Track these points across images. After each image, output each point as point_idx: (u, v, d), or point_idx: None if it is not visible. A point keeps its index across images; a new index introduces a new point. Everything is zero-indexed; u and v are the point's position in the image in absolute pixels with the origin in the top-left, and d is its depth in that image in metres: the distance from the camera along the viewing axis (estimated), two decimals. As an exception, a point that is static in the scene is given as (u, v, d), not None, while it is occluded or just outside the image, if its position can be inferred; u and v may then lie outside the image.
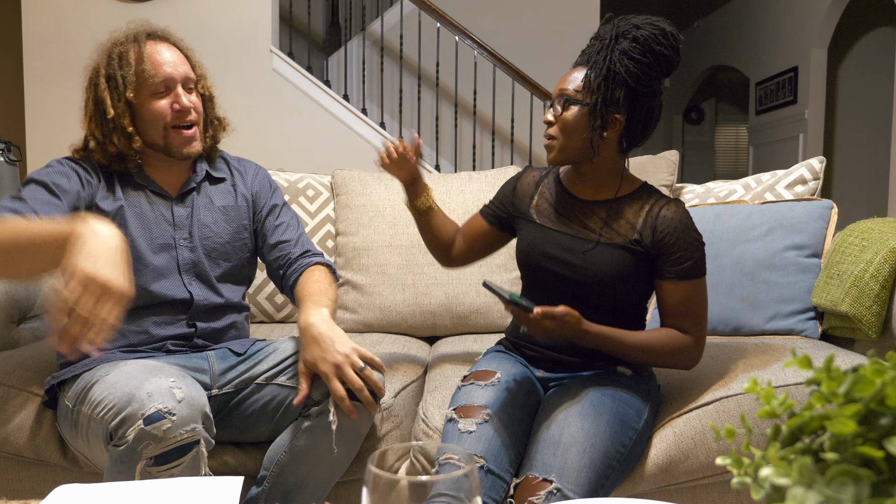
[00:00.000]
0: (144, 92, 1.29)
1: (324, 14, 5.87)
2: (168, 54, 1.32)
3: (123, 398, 1.06)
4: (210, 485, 0.82)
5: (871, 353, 0.46)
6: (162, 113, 1.30)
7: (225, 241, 1.40)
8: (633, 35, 1.20)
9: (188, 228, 1.36)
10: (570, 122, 1.25)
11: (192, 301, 1.34)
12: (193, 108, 1.33)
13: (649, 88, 1.23)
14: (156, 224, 1.34)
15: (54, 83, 3.77)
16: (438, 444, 0.80)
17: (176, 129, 1.32)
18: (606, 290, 1.26)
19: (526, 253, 1.34)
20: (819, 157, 1.92)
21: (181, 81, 1.32)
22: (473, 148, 4.53)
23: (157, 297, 1.31)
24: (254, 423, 1.29)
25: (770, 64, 6.31)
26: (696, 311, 1.25)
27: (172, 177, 1.39)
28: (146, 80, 1.28)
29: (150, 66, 1.29)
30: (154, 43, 1.32)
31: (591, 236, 1.28)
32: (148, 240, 1.32)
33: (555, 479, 1.07)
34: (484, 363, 1.35)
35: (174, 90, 1.31)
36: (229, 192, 1.44)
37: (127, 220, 1.31)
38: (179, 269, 1.34)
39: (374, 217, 2.02)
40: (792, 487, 0.38)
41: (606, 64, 1.21)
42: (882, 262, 1.48)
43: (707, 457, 1.27)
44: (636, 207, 1.28)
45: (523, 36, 4.90)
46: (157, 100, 1.30)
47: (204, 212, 1.39)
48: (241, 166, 1.50)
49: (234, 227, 1.42)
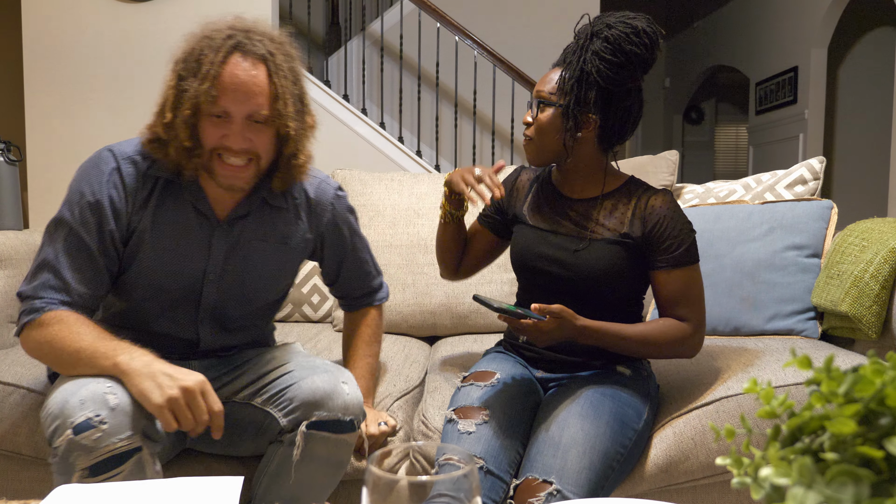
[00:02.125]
0: (205, 109, 1.11)
1: (324, 14, 5.87)
2: (245, 78, 1.11)
3: (58, 405, 1.01)
4: (210, 485, 0.82)
5: (871, 353, 0.46)
6: (211, 139, 1.13)
7: (266, 279, 1.27)
8: (605, 35, 1.20)
9: (224, 264, 1.22)
10: (544, 124, 1.27)
11: (199, 344, 1.26)
12: (247, 149, 1.14)
13: (623, 87, 1.23)
14: (187, 250, 1.20)
15: (54, 83, 3.77)
16: (438, 444, 0.80)
17: (221, 157, 1.14)
18: (601, 286, 1.26)
19: (519, 255, 1.35)
20: (819, 157, 1.92)
21: (247, 115, 1.12)
22: (473, 148, 4.53)
23: (161, 333, 1.23)
24: (238, 439, 1.23)
25: (770, 64, 6.31)
26: (692, 298, 1.25)
27: (227, 194, 1.20)
28: (209, 97, 1.10)
29: (217, 87, 1.10)
30: (241, 59, 1.12)
31: (582, 234, 1.29)
32: (172, 268, 1.19)
33: (555, 480, 1.07)
34: (483, 364, 1.35)
35: (233, 121, 1.12)
36: (291, 226, 1.27)
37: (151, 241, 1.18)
38: (198, 308, 1.23)
39: (374, 217, 2.02)
40: (792, 487, 0.38)
41: (579, 65, 1.22)
42: (882, 262, 1.48)
43: (707, 457, 1.27)
44: (624, 201, 1.29)
45: (523, 36, 4.90)
46: (211, 123, 1.12)
47: (256, 244, 1.24)
48: (317, 197, 1.32)
49: (280, 266, 1.28)
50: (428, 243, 1.97)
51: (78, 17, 3.73)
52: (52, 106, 3.77)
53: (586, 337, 1.20)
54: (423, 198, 2.04)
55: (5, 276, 1.66)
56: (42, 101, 3.77)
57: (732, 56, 7.10)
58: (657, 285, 1.27)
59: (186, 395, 1.02)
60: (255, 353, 1.30)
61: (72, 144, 3.77)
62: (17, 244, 1.74)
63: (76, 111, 3.77)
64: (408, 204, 2.03)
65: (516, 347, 1.39)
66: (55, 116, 3.78)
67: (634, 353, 1.26)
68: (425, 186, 2.07)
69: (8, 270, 1.67)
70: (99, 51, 3.74)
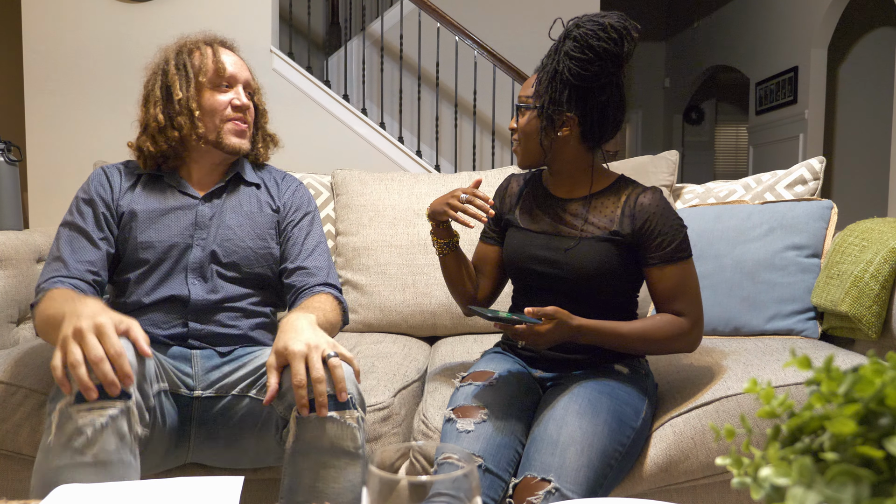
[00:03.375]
0: (210, 83, 1.37)
1: (324, 14, 5.87)
2: (234, 58, 1.42)
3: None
4: (210, 485, 0.82)
5: (871, 353, 0.46)
6: (221, 105, 1.37)
7: (247, 247, 1.37)
8: (574, 34, 1.22)
9: (209, 228, 1.36)
10: (525, 127, 1.30)
11: (189, 299, 1.32)
12: (249, 109, 1.41)
13: (596, 83, 1.23)
14: (177, 225, 1.35)
15: (54, 83, 3.77)
16: (437, 444, 0.80)
17: (231, 121, 1.38)
18: (593, 284, 1.27)
19: (511, 258, 1.36)
20: (819, 157, 1.92)
21: (243, 83, 1.41)
22: (473, 148, 4.53)
23: (158, 298, 1.31)
24: (240, 435, 1.25)
25: (770, 64, 6.31)
26: (688, 293, 1.25)
27: (207, 178, 1.42)
28: (215, 72, 1.37)
29: (219, 61, 1.38)
30: (223, 49, 1.42)
31: (572, 233, 1.29)
32: (165, 243, 1.33)
33: (553, 478, 1.07)
34: (482, 364, 1.36)
35: (235, 88, 1.39)
36: (261, 198, 1.44)
37: (143, 223, 1.34)
38: (187, 267, 1.33)
39: (374, 217, 2.02)
40: (792, 487, 0.38)
41: (552, 65, 1.24)
42: (882, 262, 1.48)
43: (707, 457, 1.27)
44: (613, 199, 1.29)
45: (523, 36, 4.90)
46: (218, 93, 1.37)
47: (230, 213, 1.39)
48: (282, 180, 1.50)
49: (258, 233, 1.40)
50: (428, 243, 1.97)
51: (78, 17, 3.73)
52: (52, 106, 3.77)
53: (584, 336, 1.20)
54: (422, 198, 2.04)
55: (5, 276, 1.66)
56: (42, 101, 3.77)
57: (732, 56, 7.10)
58: (652, 282, 1.27)
59: (77, 335, 1.01)
60: (257, 350, 1.33)
61: (72, 144, 3.76)
62: (17, 244, 1.74)
63: (76, 111, 3.77)
64: (408, 204, 2.03)
65: (515, 349, 1.40)
66: (55, 116, 3.78)
67: (634, 350, 1.26)
68: (425, 186, 2.07)
69: (8, 270, 1.67)
70: (99, 51, 3.73)
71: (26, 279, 1.72)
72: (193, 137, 1.36)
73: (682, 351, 1.28)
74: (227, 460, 1.29)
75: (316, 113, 4.03)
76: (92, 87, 3.74)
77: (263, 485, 1.35)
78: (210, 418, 1.26)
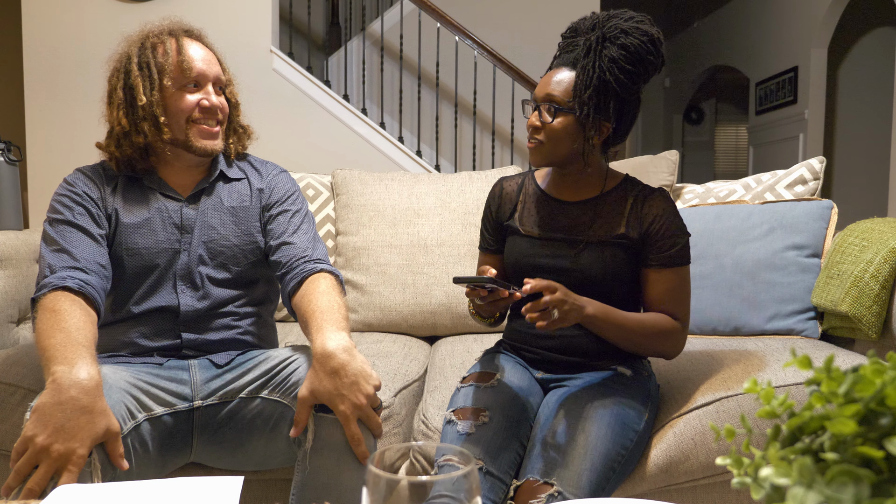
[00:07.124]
0: (176, 83, 1.28)
1: (324, 14, 5.87)
2: (202, 52, 1.32)
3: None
4: (210, 485, 0.82)
5: (871, 353, 0.46)
6: (188, 107, 1.28)
7: (232, 245, 1.32)
8: (622, 42, 1.18)
9: (192, 231, 1.31)
10: (558, 131, 1.24)
11: (180, 310, 1.27)
12: (220, 108, 1.33)
13: (636, 96, 1.24)
14: (163, 230, 1.29)
15: (54, 83, 3.77)
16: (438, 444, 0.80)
17: (198, 123, 1.30)
18: (600, 288, 1.25)
19: (515, 265, 1.33)
20: (819, 157, 1.92)
21: (212, 80, 1.32)
22: (473, 148, 4.53)
23: (148, 308, 1.26)
24: (247, 438, 1.21)
25: (770, 64, 6.31)
26: (679, 298, 1.25)
27: (187, 178, 1.35)
28: (181, 71, 1.28)
29: (186, 58, 1.28)
30: (190, 40, 1.32)
31: (577, 238, 1.28)
32: (151, 250, 1.28)
33: (556, 481, 1.07)
34: (483, 364, 1.35)
35: (204, 87, 1.31)
36: (243, 190, 1.38)
37: (127, 228, 1.27)
38: (175, 274, 1.28)
39: (374, 217, 2.02)
40: (792, 487, 0.38)
41: (596, 73, 1.19)
42: (882, 262, 1.47)
43: (707, 457, 1.27)
44: (621, 201, 1.28)
45: (523, 36, 4.90)
46: (185, 93, 1.29)
47: (212, 213, 1.33)
48: (262, 167, 1.44)
49: (243, 228, 1.35)
50: (428, 243, 1.97)
51: (78, 17, 3.73)
52: (52, 106, 3.77)
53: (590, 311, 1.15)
54: (422, 198, 2.04)
55: (5, 276, 1.66)
56: (42, 101, 3.77)
57: (732, 56, 7.10)
58: (646, 282, 1.27)
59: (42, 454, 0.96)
60: (261, 354, 1.28)
61: (72, 144, 3.76)
62: (17, 244, 1.74)
63: (76, 111, 3.77)
64: (408, 204, 2.03)
65: (516, 348, 1.39)
66: (55, 116, 3.78)
67: (628, 338, 1.22)
68: (425, 186, 2.07)
69: (8, 270, 1.67)
70: (99, 51, 3.73)
71: (26, 279, 1.72)
72: (160, 143, 1.29)
73: (668, 352, 1.26)
74: (231, 463, 1.26)
75: (316, 113, 4.03)
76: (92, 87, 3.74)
77: (264, 485, 1.35)
78: (214, 424, 1.22)
